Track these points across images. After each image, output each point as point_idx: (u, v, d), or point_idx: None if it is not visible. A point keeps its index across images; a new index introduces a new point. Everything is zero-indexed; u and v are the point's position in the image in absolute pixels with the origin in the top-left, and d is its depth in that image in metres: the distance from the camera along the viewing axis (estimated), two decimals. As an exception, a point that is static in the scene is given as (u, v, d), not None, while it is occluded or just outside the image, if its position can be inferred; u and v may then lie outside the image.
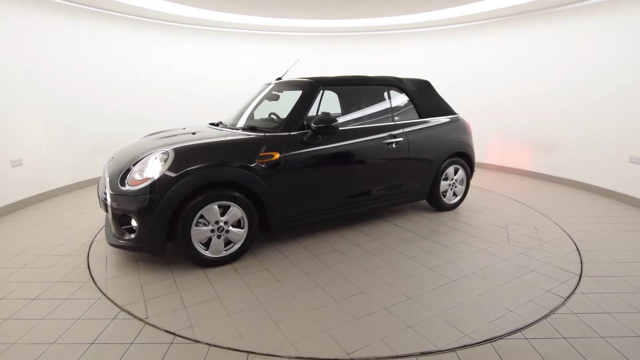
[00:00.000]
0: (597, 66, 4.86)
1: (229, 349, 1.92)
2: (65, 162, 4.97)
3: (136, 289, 2.56)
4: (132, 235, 2.65)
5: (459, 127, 4.09)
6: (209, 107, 6.72)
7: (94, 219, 3.92)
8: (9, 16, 4.22)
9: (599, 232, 3.58)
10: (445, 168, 3.96)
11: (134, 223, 2.63)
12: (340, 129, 3.23)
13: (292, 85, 3.55)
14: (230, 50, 7.03)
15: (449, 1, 5.38)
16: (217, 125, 3.63)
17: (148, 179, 2.59)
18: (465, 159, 4.15)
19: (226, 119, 3.78)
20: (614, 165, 4.71)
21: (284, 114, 3.34)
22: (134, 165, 2.74)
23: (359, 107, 3.91)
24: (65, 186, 4.97)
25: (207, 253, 2.79)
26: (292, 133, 3.04)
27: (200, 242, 2.76)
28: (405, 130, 3.65)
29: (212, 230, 2.76)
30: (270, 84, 3.80)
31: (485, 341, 1.98)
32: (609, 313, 2.24)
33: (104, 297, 2.42)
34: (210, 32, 6.77)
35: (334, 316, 2.22)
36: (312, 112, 3.28)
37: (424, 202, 4.29)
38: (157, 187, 2.55)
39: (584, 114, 5.06)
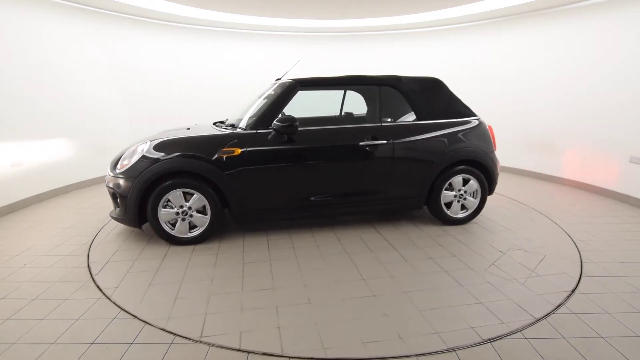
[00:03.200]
0: (598, 66, 4.86)
1: (229, 348, 1.92)
2: (65, 162, 4.97)
3: (108, 253, 3.09)
4: (117, 210, 3.22)
5: (472, 131, 3.60)
6: (209, 107, 6.72)
7: (94, 219, 3.92)
8: (8, 17, 4.22)
9: (599, 232, 3.57)
10: (449, 177, 3.54)
11: (118, 200, 3.15)
12: (314, 129, 3.48)
13: (281, 85, 3.59)
14: (231, 50, 7.03)
15: (449, 1, 5.38)
16: (222, 123, 3.78)
17: (128, 164, 3.11)
18: (481, 168, 3.63)
19: (231, 117, 3.88)
20: (614, 165, 4.71)
21: (287, 112, 3.44)
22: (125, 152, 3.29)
23: (346, 107, 3.89)
24: (65, 186, 4.97)
25: (173, 232, 3.19)
26: (258, 131, 3.21)
27: (169, 222, 3.18)
28: (392, 132, 3.41)
29: (177, 213, 3.15)
30: (274, 84, 3.82)
31: (486, 341, 1.98)
32: (609, 313, 2.24)
33: (104, 297, 2.42)
34: (210, 32, 6.77)
35: (225, 303, 2.34)
36: (333, 112, 3.32)
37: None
38: (132, 171, 3.06)
39: (585, 114, 5.06)
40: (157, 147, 3.12)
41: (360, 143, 3.32)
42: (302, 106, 4.59)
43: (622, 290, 2.51)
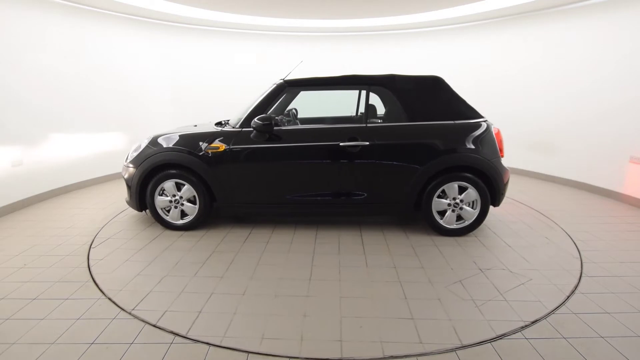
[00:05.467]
0: (598, 66, 4.86)
1: (229, 348, 1.92)
2: (65, 162, 4.97)
3: (109, 241, 3.41)
4: (127, 195, 3.63)
5: (471, 135, 3.28)
6: (210, 107, 6.73)
7: (94, 219, 3.93)
8: (9, 16, 4.22)
9: (599, 232, 3.57)
10: (442, 183, 3.29)
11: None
12: (296, 128, 3.65)
13: (272, 86, 3.63)
14: (233, 50, 7.03)
15: (449, 1, 5.38)
16: (226, 122, 3.95)
17: (134, 156, 3.55)
18: (482, 177, 3.30)
19: (233, 117, 3.95)
20: (614, 165, 4.71)
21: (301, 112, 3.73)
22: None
23: (335, 107, 3.91)
24: (65, 186, 4.97)
25: (167, 218, 3.56)
26: (243, 129, 3.39)
27: (165, 209, 3.55)
28: (377, 133, 3.30)
29: (171, 201, 3.50)
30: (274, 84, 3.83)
31: (486, 341, 1.98)
32: (609, 313, 2.24)
33: (104, 297, 2.42)
34: (212, 32, 6.77)
35: (171, 285, 2.59)
36: (349, 112, 3.56)
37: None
38: (135, 162, 3.50)
39: (585, 114, 5.06)
40: (156, 141, 3.52)
41: (341, 144, 3.27)
42: (318, 107, 4.73)
43: (622, 290, 2.51)
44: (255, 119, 3.26)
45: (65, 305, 2.32)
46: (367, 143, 3.26)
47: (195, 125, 3.91)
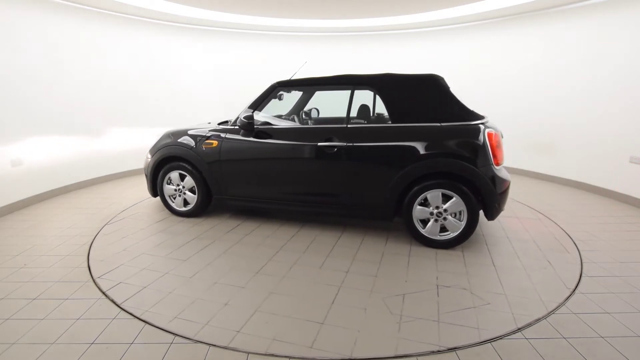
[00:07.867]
0: (597, 66, 4.86)
1: (229, 349, 1.92)
2: (65, 162, 4.96)
3: (119, 214, 4.07)
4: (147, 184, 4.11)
5: (460, 139, 2.98)
6: (210, 107, 6.73)
7: (94, 219, 3.93)
8: (9, 16, 4.22)
9: (599, 232, 3.57)
10: (423, 190, 3.05)
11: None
12: (281, 127, 3.64)
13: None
14: (235, 50, 7.03)
15: (449, 1, 5.38)
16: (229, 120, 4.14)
17: (151, 149, 4.01)
18: (469, 185, 2.98)
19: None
20: (614, 165, 4.71)
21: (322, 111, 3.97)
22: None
23: (324, 107, 4.09)
24: (65, 186, 4.97)
25: (173, 205, 3.99)
26: (234, 127, 3.63)
27: (172, 196, 3.96)
28: (357, 135, 3.19)
29: (175, 190, 3.91)
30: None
31: (486, 341, 1.98)
32: (609, 313, 2.24)
33: (104, 297, 2.43)
34: (212, 32, 6.76)
35: (140, 262, 2.89)
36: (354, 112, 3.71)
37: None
38: (151, 152, 3.98)
39: (584, 114, 5.06)
40: (168, 135, 3.92)
41: (319, 144, 3.26)
42: (337, 107, 4.77)
43: (622, 290, 2.51)
44: (241, 117, 3.46)
45: (65, 305, 2.33)
46: (344, 144, 3.19)
47: (209, 123, 4.17)
